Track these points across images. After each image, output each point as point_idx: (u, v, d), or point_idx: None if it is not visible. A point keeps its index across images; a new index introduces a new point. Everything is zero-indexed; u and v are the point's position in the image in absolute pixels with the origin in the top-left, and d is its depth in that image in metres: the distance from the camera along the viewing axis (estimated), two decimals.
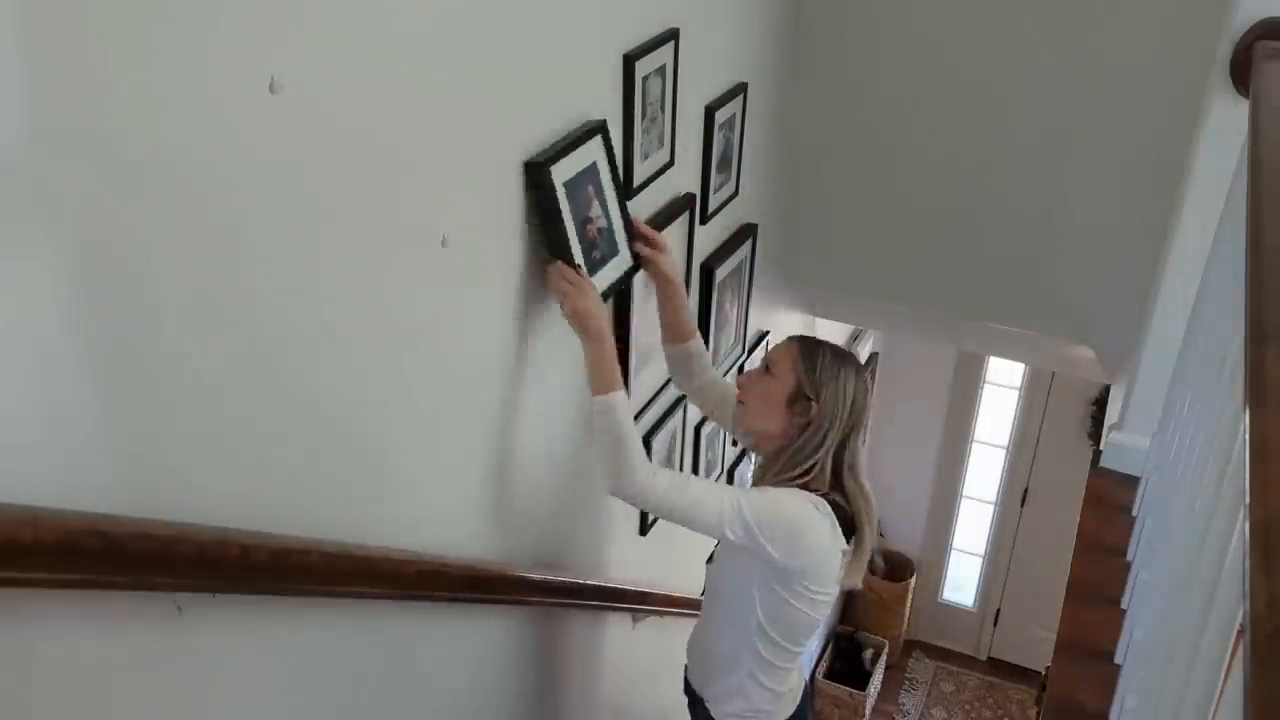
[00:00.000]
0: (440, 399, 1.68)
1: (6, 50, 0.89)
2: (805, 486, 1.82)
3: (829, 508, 1.80)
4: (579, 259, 1.80)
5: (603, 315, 1.78)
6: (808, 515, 1.79)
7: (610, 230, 1.91)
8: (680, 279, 2.11)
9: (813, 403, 1.82)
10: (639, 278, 2.09)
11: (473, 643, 2.02)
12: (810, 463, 1.81)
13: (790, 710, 2.07)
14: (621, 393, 1.77)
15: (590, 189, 1.83)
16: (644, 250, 1.99)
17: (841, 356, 1.86)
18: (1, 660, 1.01)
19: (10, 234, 0.94)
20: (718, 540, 1.84)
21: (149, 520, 1.09)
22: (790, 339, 1.92)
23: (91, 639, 1.11)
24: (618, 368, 1.78)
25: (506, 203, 1.70)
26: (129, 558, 1.05)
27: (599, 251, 1.87)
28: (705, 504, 1.76)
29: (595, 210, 1.85)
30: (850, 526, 1.85)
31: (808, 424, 1.82)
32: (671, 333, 2.12)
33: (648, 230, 2.02)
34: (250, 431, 1.28)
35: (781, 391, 1.84)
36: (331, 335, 1.39)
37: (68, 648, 1.09)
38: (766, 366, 1.90)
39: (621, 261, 1.96)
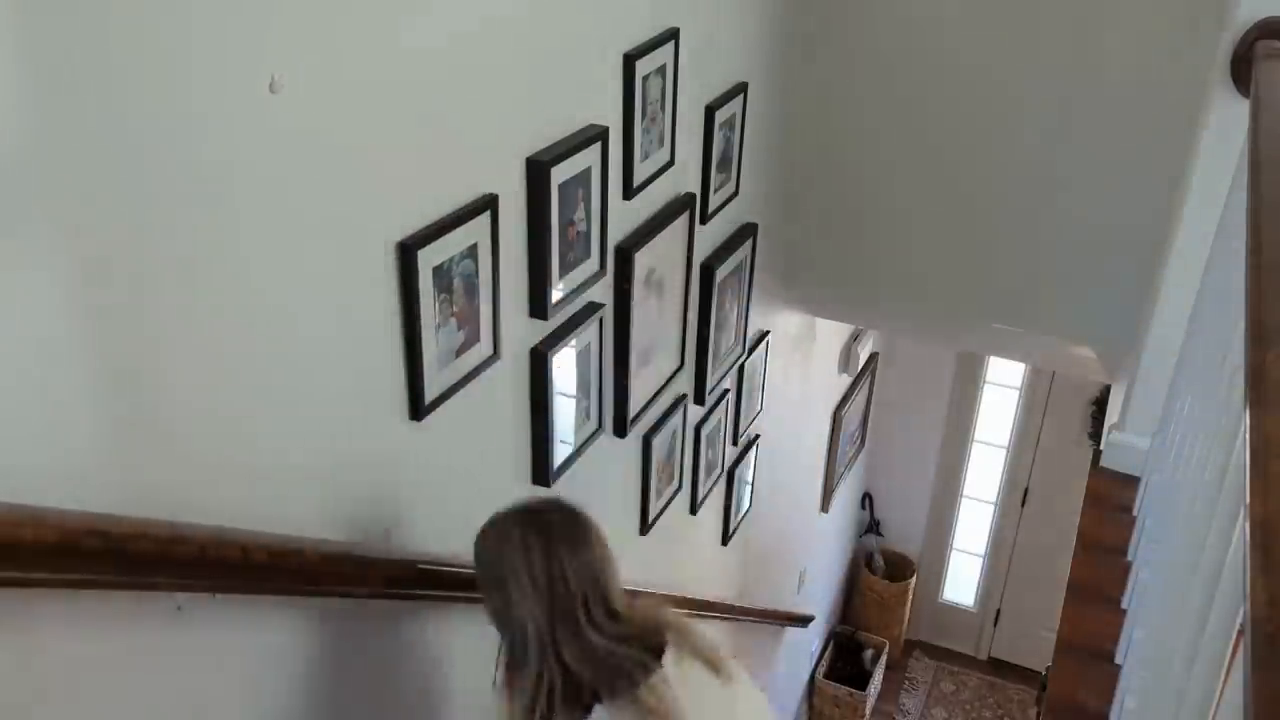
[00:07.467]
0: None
1: (6, 50, 0.89)
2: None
3: None
4: None
5: None
6: None
7: (589, 234, 1.93)
8: None
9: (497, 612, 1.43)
10: (638, 269, 2.10)
11: (475, 643, 2.02)
12: (537, 677, 1.39)
13: None
14: None
15: (580, 192, 1.86)
16: None
17: (505, 533, 1.40)
18: (2, 660, 1.01)
19: (10, 235, 0.94)
20: None
21: (149, 520, 1.10)
22: None
23: (92, 639, 1.11)
24: None
25: (507, 202, 1.70)
26: (129, 558, 1.05)
27: (574, 254, 1.90)
28: None
29: (580, 213, 1.89)
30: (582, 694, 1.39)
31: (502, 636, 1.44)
32: None
33: None
34: (251, 432, 1.28)
35: (488, 611, 1.45)
36: (331, 334, 1.39)
37: (68, 647, 1.09)
38: None
39: None
